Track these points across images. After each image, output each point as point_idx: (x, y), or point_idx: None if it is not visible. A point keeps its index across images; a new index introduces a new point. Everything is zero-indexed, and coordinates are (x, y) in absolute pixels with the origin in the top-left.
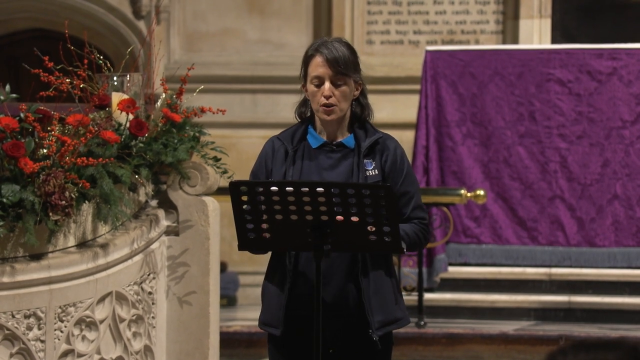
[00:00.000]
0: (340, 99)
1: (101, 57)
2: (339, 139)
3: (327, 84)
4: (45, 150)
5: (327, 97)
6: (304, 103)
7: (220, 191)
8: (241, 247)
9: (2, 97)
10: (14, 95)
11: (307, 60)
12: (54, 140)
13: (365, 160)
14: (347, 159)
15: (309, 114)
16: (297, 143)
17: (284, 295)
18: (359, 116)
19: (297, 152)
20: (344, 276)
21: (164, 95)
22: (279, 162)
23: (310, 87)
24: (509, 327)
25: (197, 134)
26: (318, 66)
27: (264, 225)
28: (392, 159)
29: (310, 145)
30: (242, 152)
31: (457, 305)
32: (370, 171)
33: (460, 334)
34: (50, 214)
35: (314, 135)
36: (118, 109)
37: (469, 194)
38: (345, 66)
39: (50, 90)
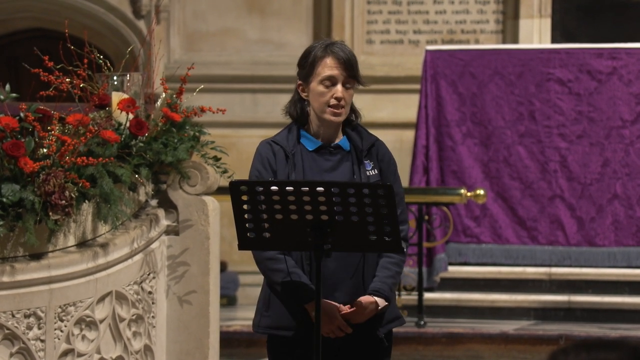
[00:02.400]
0: (348, 101)
1: (101, 57)
2: (335, 141)
3: (339, 86)
4: (45, 150)
5: (339, 99)
6: (299, 100)
7: (220, 191)
8: (241, 246)
9: (2, 97)
10: (14, 94)
11: (314, 61)
12: (54, 139)
13: (364, 161)
14: (346, 160)
15: (299, 113)
16: (292, 146)
17: None
18: (348, 118)
19: (295, 155)
20: (352, 278)
21: (164, 95)
22: (282, 165)
23: (319, 88)
24: (509, 326)
25: (197, 134)
26: (331, 67)
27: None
28: (386, 160)
29: (306, 148)
30: (242, 151)
31: (457, 304)
32: (370, 171)
33: (460, 333)
34: (50, 213)
35: (308, 138)
36: (118, 108)
37: (468, 194)
38: (355, 69)
39: (50, 89)
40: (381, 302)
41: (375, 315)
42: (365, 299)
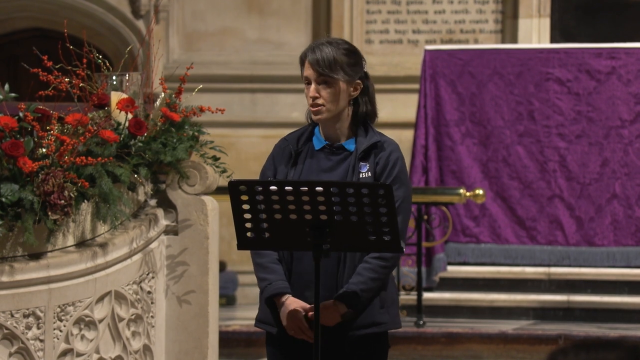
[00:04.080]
0: (328, 100)
1: (100, 57)
2: (341, 141)
3: (312, 85)
4: (44, 150)
5: (314, 98)
6: None
7: (219, 190)
8: (240, 246)
9: (1, 96)
10: (13, 94)
11: (301, 64)
12: (53, 139)
13: (360, 163)
14: (346, 161)
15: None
16: (302, 144)
17: None
18: (363, 115)
19: (300, 154)
20: (327, 278)
21: (163, 95)
22: (284, 163)
23: (305, 89)
24: (508, 326)
25: (196, 133)
26: (307, 68)
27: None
28: (383, 162)
29: (314, 147)
30: (241, 151)
31: (456, 304)
32: (363, 174)
33: (459, 333)
34: (50, 213)
35: (318, 137)
36: (117, 108)
37: (468, 194)
38: (329, 68)
39: (49, 89)
40: (341, 307)
41: (344, 320)
42: (326, 302)
